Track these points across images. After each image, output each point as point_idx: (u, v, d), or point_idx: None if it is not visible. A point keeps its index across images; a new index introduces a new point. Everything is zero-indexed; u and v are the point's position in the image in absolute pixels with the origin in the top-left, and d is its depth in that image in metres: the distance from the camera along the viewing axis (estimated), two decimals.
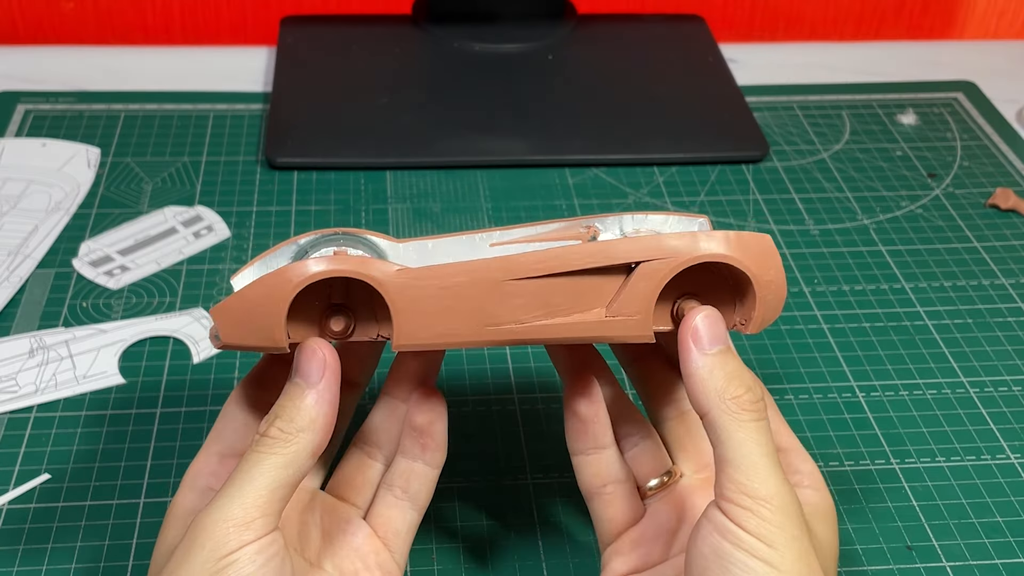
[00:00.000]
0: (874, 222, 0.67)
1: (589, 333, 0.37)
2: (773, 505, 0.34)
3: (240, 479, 0.34)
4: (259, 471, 0.34)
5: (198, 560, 0.33)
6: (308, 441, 0.35)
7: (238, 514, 0.33)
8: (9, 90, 0.76)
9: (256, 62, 0.82)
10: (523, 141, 0.72)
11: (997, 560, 0.47)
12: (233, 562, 0.33)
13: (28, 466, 0.49)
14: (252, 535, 0.33)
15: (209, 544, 0.33)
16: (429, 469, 0.40)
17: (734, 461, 0.34)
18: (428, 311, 0.35)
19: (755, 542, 0.33)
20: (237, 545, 0.33)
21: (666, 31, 0.84)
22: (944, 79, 0.83)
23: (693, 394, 0.35)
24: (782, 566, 0.33)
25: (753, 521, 0.33)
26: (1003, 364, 0.57)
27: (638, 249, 0.36)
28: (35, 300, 0.58)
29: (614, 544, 0.41)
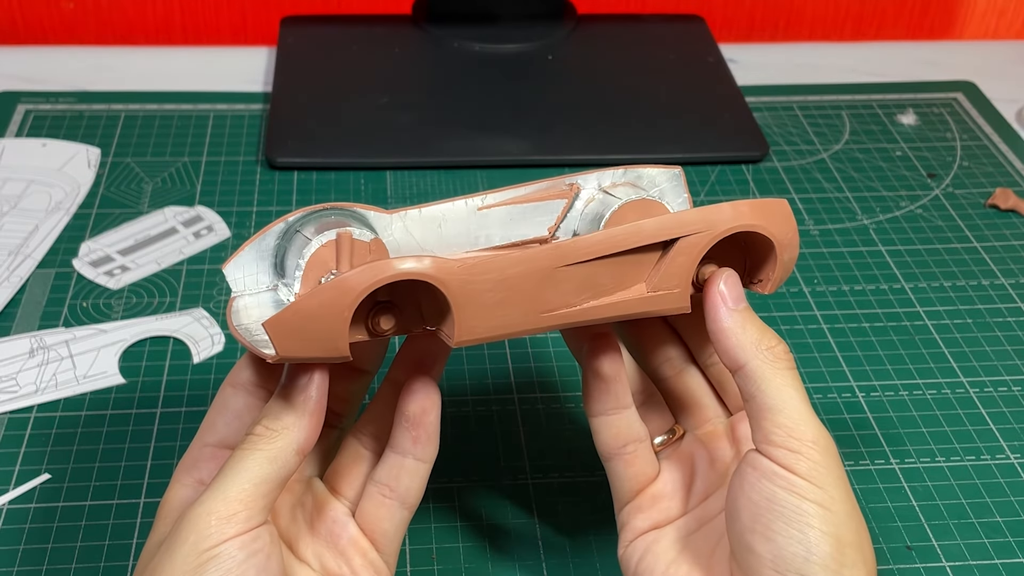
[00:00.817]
0: (874, 222, 0.67)
1: (633, 310, 0.37)
2: (819, 446, 0.35)
3: (225, 474, 0.35)
4: (243, 466, 0.34)
5: (180, 553, 0.33)
6: (293, 438, 0.35)
7: (220, 508, 0.34)
8: (9, 90, 0.76)
9: (256, 62, 0.82)
10: (523, 141, 0.72)
11: (997, 560, 0.47)
12: (215, 556, 0.33)
13: (28, 466, 0.49)
14: (234, 529, 0.33)
15: (192, 537, 0.33)
16: (419, 464, 0.38)
17: (777, 407, 0.35)
18: (486, 304, 0.35)
19: (806, 484, 0.34)
20: (219, 539, 0.33)
21: (666, 31, 0.84)
22: (944, 79, 0.83)
23: (728, 348, 0.37)
24: (833, 506, 0.34)
25: (804, 464, 0.34)
26: (1003, 364, 0.57)
27: (680, 224, 0.37)
28: (35, 300, 0.58)
29: (633, 502, 0.40)
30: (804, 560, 0.34)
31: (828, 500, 0.34)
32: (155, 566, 0.34)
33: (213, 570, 0.33)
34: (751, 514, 0.35)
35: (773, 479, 0.35)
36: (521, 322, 0.36)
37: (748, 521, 0.35)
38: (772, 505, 0.34)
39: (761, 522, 0.35)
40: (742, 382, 0.36)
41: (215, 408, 0.39)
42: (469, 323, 0.35)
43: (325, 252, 0.36)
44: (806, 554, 0.34)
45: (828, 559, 0.34)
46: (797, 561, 0.34)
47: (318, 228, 0.36)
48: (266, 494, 0.34)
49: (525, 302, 0.36)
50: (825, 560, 0.34)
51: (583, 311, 0.37)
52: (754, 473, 0.35)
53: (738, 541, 0.36)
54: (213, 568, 0.33)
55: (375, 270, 0.33)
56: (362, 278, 0.33)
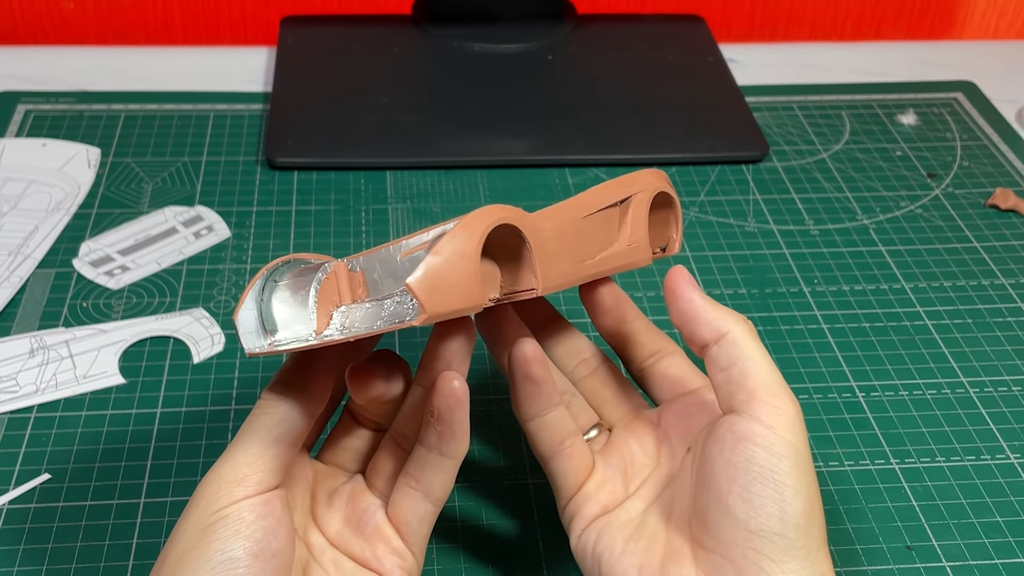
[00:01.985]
0: (874, 222, 0.67)
1: (623, 261, 0.41)
2: (796, 406, 0.37)
3: (235, 441, 0.36)
4: (251, 431, 0.36)
5: (192, 515, 0.35)
6: (297, 400, 0.36)
7: (230, 472, 0.35)
8: (9, 90, 0.76)
9: (256, 62, 0.82)
10: (523, 141, 0.72)
11: (997, 560, 0.47)
12: (224, 516, 0.34)
13: (28, 466, 0.49)
14: (243, 492, 0.35)
15: (204, 500, 0.35)
16: (445, 459, 0.38)
17: (760, 369, 0.37)
18: (549, 252, 0.37)
19: (784, 442, 0.36)
20: (228, 501, 0.34)
21: (666, 31, 0.84)
22: (944, 79, 0.83)
23: (709, 320, 0.39)
24: (804, 465, 0.36)
25: (783, 419, 0.36)
26: (1003, 364, 0.57)
27: (626, 184, 0.41)
28: (35, 300, 0.58)
29: (578, 494, 0.41)
30: (779, 519, 0.35)
31: (801, 459, 0.36)
32: (173, 532, 0.35)
33: (223, 529, 0.34)
34: (728, 476, 0.36)
35: (753, 438, 0.36)
36: (570, 271, 0.39)
37: (725, 483, 0.36)
38: (750, 466, 0.36)
39: (738, 483, 0.36)
40: (723, 349, 0.38)
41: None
42: (545, 271, 0.37)
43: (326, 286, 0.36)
44: (780, 513, 0.35)
45: (800, 517, 0.35)
46: (772, 520, 0.35)
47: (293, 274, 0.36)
48: (274, 456, 0.36)
49: (570, 251, 0.38)
50: (797, 519, 0.35)
51: (598, 262, 0.40)
52: (732, 436, 0.36)
53: (711, 506, 0.37)
54: (223, 527, 0.34)
55: (481, 216, 0.35)
56: (478, 223, 0.35)
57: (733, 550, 0.36)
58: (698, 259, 0.63)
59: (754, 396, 0.37)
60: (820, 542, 0.36)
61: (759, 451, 0.36)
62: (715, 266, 0.63)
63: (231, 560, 0.34)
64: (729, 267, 0.63)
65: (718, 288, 0.61)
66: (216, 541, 0.34)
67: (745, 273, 0.62)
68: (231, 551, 0.34)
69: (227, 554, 0.34)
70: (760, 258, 0.64)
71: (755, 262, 0.63)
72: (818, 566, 0.36)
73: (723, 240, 0.65)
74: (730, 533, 0.36)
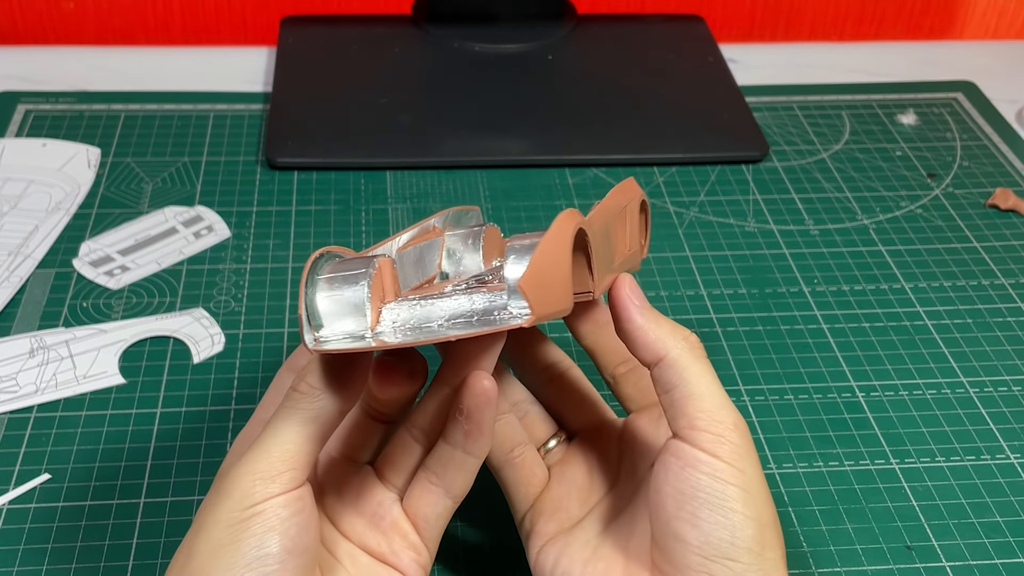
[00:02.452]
0: (874, 222, 0.67)
1: (628, 265, 0.42)
2: (739, 431, 0.36)
3: (267, 434, 0.35)
4: (286, 426, 0.35)
5: (224, 509, 0.34)
6: (333, 399, 0.35)
7: (264, 467, 0.34)
8: (9, 90, 0.76)
9: (256, 62, 0.82)
10: (523, 141, 0.72)
11: (997, 560, 0.47)
12: (259, 513, 0.34)
13: (28, 466, 0.49)
14: (278, 488, 0.34)
15: (236, 494, 0.34)
16: (469, 458, 0.38)
17: (699, 393, 0.37)
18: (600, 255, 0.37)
19: (729, 468, 0.36)
20: (263, 497, 0.34)
21: (666, 31, 0.84)
22: (944, 79, 0.83)
23: (648, 343, 0.38)
24: (752, 488, 0.36)
25: (726, 447, 0.36)
26: (1003, 364, 0.57)
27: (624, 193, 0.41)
28: (35, 300, 0.58)
29: (533, 508, 0.41)
30: (730, 544, 0.35)
31: (748, 483, 0.36)
32: (198, 525, 0.34)
33: (257, 525, 0.33)
34: (676, 502, 0.36)
35: (697, 466, 0.36)
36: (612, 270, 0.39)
37: (673, 509, 0.36)
38: (697, 492, 0.36)
39: (687, 509, 0.36)
40: (662, 373, 0.37)
41: (273, 389, 0.40)
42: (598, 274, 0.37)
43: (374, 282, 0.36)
44: (731, 538, 0.35)
45: (751, 541, 0.35)
46: (723, 546, 0.35)
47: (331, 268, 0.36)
48: (308, 453, 0.35)
49: (605, 256, 0.38)
50: (749, 543, 0.35)
51: (624, 262, 0.41)
52: (678, 462, 0.36)
53: (663, 530, 0.36)
54: (258, 523, 0.33)
55: (569, 219, 0.34)
56: (565, 229, 0.34)
57: (687, 574, 0.36)
58: (698, 259, 0.63)
59: (694, 423, 0.36)
60: (776, 565, 0.36)
61: (703, 478, 0.36)
62: (715, 266, 0.63)
63: (267, 556, 0.33)
64: (729, 267, 0.63)
65: (718, 288, 0.61)
66: (252, 537, 0.33)
67: (745, 273, 0.62)
68: (267, 547, 0.33)
69: (263, 550, 0.33)
70: (760, 258, 0.64)
71: (755, 262, 0.63)
72: None
73: (723, 240, 0.65)
74: (683, 558, 0.36)
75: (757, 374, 0.56)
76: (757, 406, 0.54)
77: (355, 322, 0.35)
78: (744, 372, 0.56)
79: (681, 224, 0.66)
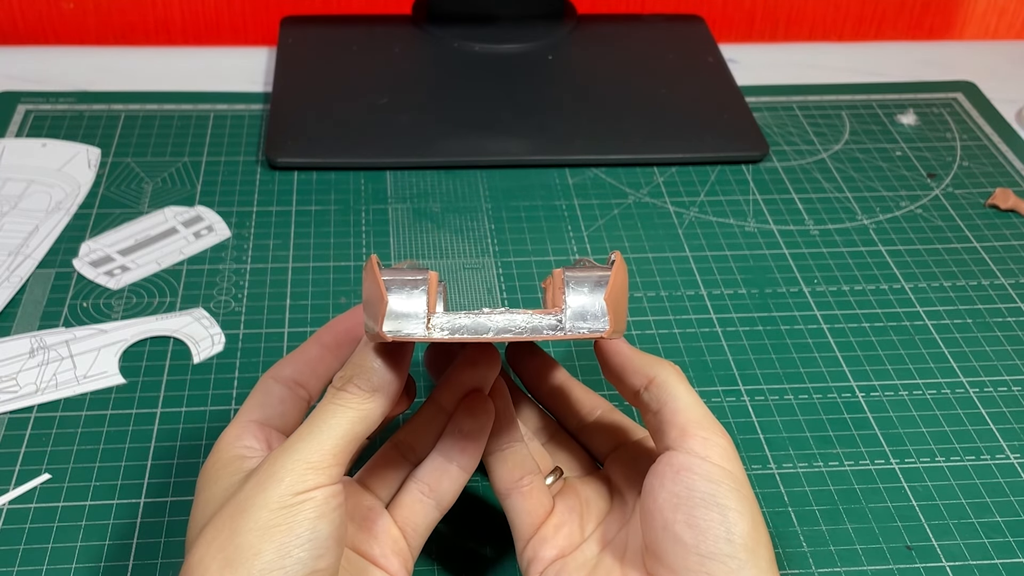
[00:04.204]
0: (874, 222, 0.67)
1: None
2: (726, 436, 0.39)
3: (317, 427, 0.36)
4: (336, 422, 0.36)
5: (275, 493, 0.35)
6: (380, 402, 0.37)
7: (315, 457, 0.35)
8: (9, 90, 0.76)
9: (256, 62, 0.82)
10: (523, 141, 0.72)
11: (997, 560, 0.47)
12: (308, 499, 0.35)
13: (28, 466, 0.49)
14: (326, 479, 0.35)
15: (288, 479, 0.35)
16: (461, 472, 0.41)
17: (688, 406, 0.39)
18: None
19: (720, 470, 0.38)
20: (313, 485, 0.35)
21: (666, 31, 0.84)
22: (944, 79, 0.83)
23: (639, 367, 0.41)
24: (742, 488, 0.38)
25: (716, 450, 0.38)
26: (1003, 364, 0.57)
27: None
28: (35, 300, 0.58)
29: (537, 535, 0.42)
30: (727, 541, 0.36)
31: (739, 483, 0.38)
32: (244, 503, 0.35)
33: (310, 511, 0.35)
34: (672, 506, 0.37)
35: (692, 469, 0.37)
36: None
37: (670, 513, 0.37)
38: (692, 494, 0.37)
39: (683, 511, 0.37)
40: (653, 393, 0.40)
41: (259, 392, 0.41)
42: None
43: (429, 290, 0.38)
44: (727, 535, 0.36)
45: (747, 537, 0.36)
46: (720, 543, 0.36)
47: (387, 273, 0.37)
48: (350, 451, 0.37)
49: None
50: (744, 539, 0.36)
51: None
52: (671, 469, 0.38)
53: (660, 536, 0.37)
54: (310, 508, 0.35)
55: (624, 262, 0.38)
56: (625, 266, 0.38)
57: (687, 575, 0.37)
58: (698, 259, 0.63)
59: (686, 431, 0.38)
60: (769, 564, 0.37)
61: (697, 479, 0.37)
62: (715, 266, 0.63)
63: (319, 539, 0.35)
64: (729, 267, 0.63)
65: (718, 288, 0.61)
66: (305, 520, 0.34)
67: (745, 273, 0.63)
68: (319, 530, 0.35)
69: (316, 533, 0.34)
70: (760, 258, 0.64)
71: (755, 262, 0.63)
72: None
73: (723, 240, 0.65)
74: (682, 560, 0.37)
75: (757, 374, 0.56)
76: (757, 406, 0.54)
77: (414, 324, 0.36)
78: (744, 372, 0.56)
79: (681, 224, 0.66)
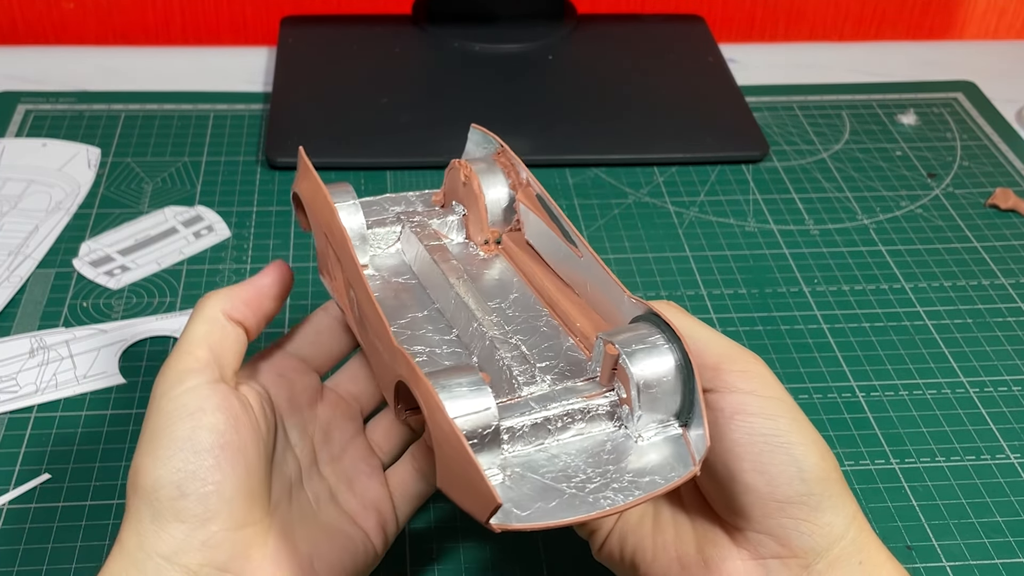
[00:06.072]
0: (874, 222, 0.67)
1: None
2: (756, 359, 0.37)
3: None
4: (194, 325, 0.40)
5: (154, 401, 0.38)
6: (217, 300, 0.40)
7: (175, 362, 0.38)
8: (9, 90, 0.76)
9: (256, 62, 0.82)
10: (523, 141, 0.72)
11: (997, 560, 0.47)
12: (183, 404, 0.37)
13: (28, 466, 0.49)
14: (194, 381, 0.37)
15: (159, 388, 0.38)
16: None
17: (711, 341, 0.37)
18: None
19: (770, 400, 0.35)
20: (182, 389, 0.37)
21: (666, 31, 0.84)
22: (944, 79, 0.83)
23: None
24: (795, 413, 0.36)
25: (756, 379, 0.36)
26: (1003, 364, 0.57)
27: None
28: (35, 300, 0.58)
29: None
30: (800, 480, 0.35)
31: (790, 409, 0.36)
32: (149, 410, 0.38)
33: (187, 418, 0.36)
34: (735, 455, 0.35)
35: (745, 409, 0.35)
36: None
37: (735, 462, 0.35)
38: (753, 437, 0.35)
39: (748, 459, 0.35)
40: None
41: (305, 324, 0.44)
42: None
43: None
44: (800, 473, 0.35)
45: (817, 469, 0.35)
46: (794, 483, 0.35)
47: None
48: (208, 349, 0.38)
49: None
50: (816, 471, 0.35)
51: None
52: (722, 415, 0.36)
53: (729, 487, 0.36)
54: (186, 416, 0.36)
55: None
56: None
57: (766, 523, 0.35)
58: (698, 259, 0.63)
59: (720, 369, 0.36)
60: (841, 484, 0.36)
61: (755, 420, 0.35)
62: (715, 266, 0.63)
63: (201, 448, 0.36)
64: (729, 267, 0.63)
65: (718, 288, 0.61)
66: (183, 429, 0.36)
67: (745, 273, 0.62)
68: (199, 439, 0.36)
69: (195, 442, 0.36)
70: (760, 258, 0.64)
71: (755, 262, 0.63)
72: (847, 508, 0.35)
73: (723, 240, 0.65)
74: (759, 508, 0.35)
75: None
76: None
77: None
78: None
79: (681, 224, 0.66)
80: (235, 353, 0.39)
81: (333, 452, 0.42)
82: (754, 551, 0.36)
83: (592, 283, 0.39)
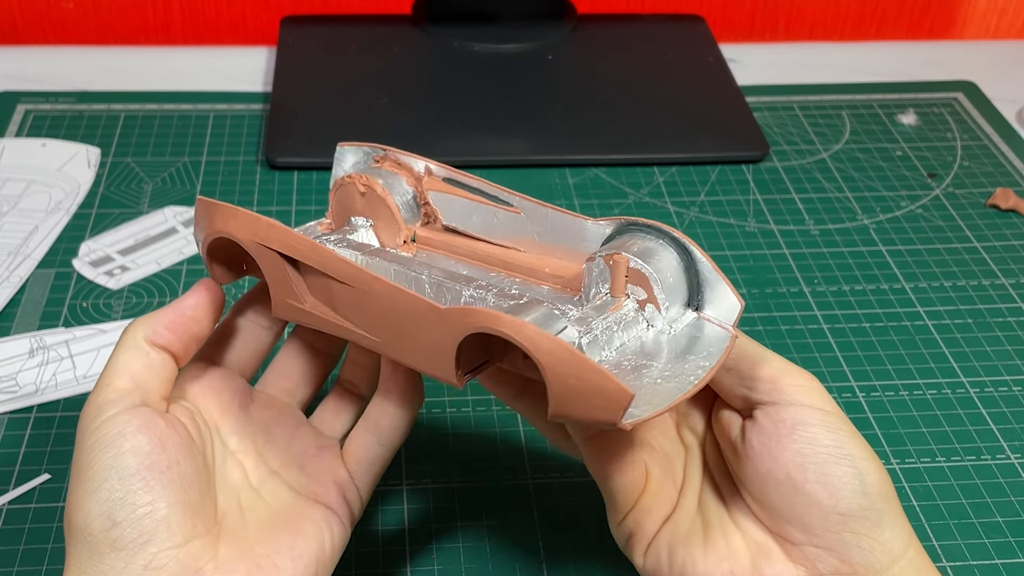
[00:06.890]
0: (874, 222, 0.67)
1: None
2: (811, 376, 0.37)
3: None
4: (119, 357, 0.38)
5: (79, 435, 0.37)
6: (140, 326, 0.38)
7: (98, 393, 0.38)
8: (9, 90, 0.76)
9: (256, 62, 0.82)
10: (523, 141, 0.72)
11: (997, 560, 0.47)
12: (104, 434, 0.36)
13: (28, 466, 0.49)
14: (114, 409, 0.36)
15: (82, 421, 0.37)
16: (399, 411, 0.40)
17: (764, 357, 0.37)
18: None
19: (831, 415, 0.36)
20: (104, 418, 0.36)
21: (666, 31, 0.84)
22: (944, 79, 0.83)
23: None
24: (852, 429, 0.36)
25: (816, 393, 0.36)
26: (1003, 364, 0.57)
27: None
28: (35, 300, 0.58)
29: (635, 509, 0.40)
30: (863, 494, 0.35)
31: (848, 424, 0.36)
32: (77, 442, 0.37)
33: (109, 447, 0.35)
34: (798, 465, 0.35)
35: (808, 421, 0.35)
36: None
37: (797, 473, 0.35)
38: (817, 449, 0.35)
39: (812, 470, 0.35)
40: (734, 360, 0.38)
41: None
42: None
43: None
44: (863, 487, 0.35)
45: (879, 484, 0.35)
46: (857, 497, 0.35)
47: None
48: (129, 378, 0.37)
49: None
50: (879, 486, 0.35)
51: None
52: (784, 425, 0.35)
53: (790, 499, 0.35)
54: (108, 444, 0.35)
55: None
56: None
57: (827, 537, 0.35)
58: None
59: (777, 383, 0.36)
60: (898, 503, 0.36)
61: (818, 431, 0.35)
62: None
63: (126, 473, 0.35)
64: (729, 267, 0.63)
65: None
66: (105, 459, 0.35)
67: (745, 273, 0.62)
68: (123, 464, 0.35)
69: (120, 468, 0.35)
70: (760, 258, 0.64)
71: (755, 262, 0.63)
72: (906, 528, 0.36)
73: (723, 240, 0.65)
74: (820, 522, 0.35)
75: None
76: None
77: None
78: None
79: (681, 224, 0.66)
80: (162, 379, 0.38)
81: (279, 448, 0.41)
82: (812, 567, 0.35)
83: (542, 230, 0.40)
